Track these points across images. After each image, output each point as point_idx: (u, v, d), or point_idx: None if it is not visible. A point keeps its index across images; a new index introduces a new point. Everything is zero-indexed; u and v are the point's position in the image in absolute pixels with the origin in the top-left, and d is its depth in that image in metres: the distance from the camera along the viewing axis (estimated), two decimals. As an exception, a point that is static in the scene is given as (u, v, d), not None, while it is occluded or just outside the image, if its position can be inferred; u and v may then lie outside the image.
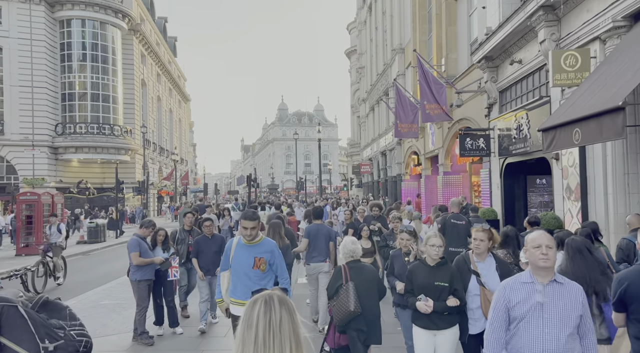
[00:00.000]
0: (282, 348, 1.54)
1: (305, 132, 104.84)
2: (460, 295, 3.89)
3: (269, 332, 1.55)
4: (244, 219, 4.38)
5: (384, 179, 28.56)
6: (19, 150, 33.33)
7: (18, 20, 33.16)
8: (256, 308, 1.59)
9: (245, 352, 1.54)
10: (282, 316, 1.58)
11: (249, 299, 1.65)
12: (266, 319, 1.56)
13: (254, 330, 1.55)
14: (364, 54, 35.32)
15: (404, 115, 17.62)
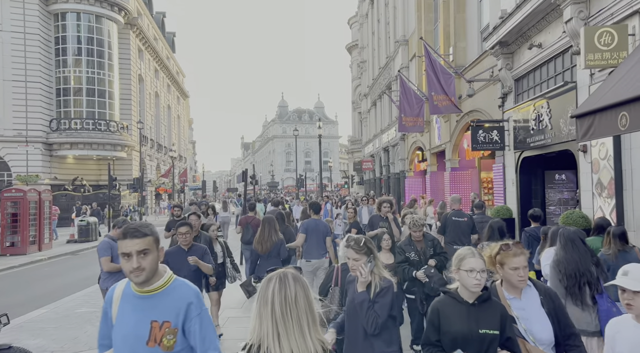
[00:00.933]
0: (300, 322, 1.61)
1: (306, 129, 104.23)
2: (516, 349, 2.56)
3: (285, 307, 1.61)
4: (121, 239, 2.20)
5: (386, 176, 27.77)
6: (12, 147, 32.55)
7: (11, 14, 32.31)
8: (271, 285, 1.66)
9: (263, 327, 1.61)
10: (297, 292, 1.65)
11: (260, 282, 1.67)
12: (282, 295, 1.63)
13: (269, 306, 1.61)
14: (366, 48, 34.49)
15: (408, 108, 16.82)
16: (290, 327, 1.61)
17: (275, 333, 1.61)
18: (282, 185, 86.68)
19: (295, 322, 1.62)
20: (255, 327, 1.64)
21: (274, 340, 1.60)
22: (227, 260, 6.71)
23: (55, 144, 34.15)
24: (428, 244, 5.49)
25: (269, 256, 6.50)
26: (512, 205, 10.25)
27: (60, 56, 35.01)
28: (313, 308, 1.68)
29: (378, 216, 7.66)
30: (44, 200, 15.63)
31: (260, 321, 1.63)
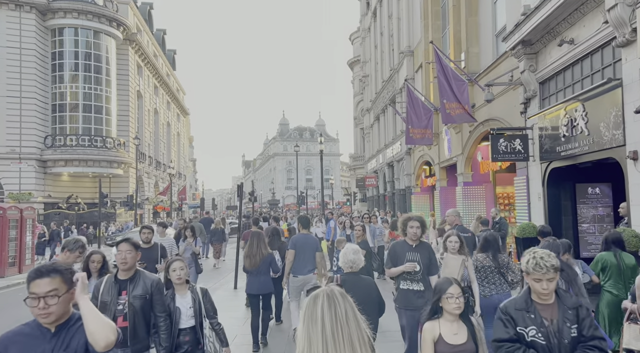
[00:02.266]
0: (352, 341, 1.54)
1: (307, 146, 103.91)
2: None
3: (336, 325, 1.55)
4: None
5: (391, 193, 26.68)
6: (5, 164, 31.60)
7: (7, 28, 31.77)
8: (319, 302, 1.61)
9: (313, 348, 1.53)
10: (346, 309, 1.60)
11: (309, 296, 1.65)
12: (332, 312, 1.57)
13: (319, 325, 1.55)
14: (368, 62, 33.81)
15: (416, 119, 15.84)
16: (341, 346, 1.54)
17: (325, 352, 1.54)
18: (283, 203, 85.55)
19: (347, 341, 1.55)
20: (304, 349, 1.57)
21: None
22: (205, 322, 3.95)
23: (49, 160, 33.23)
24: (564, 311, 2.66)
25: (258, 272, 6.14)
26: (539, 222, 9.14)
27: (57, 72, 34.36)
28: (362, 327, 1.63)
29: (403, 243, 4.88)
30: (26, 218, 14.53)
31: (310, 342, 1.56)
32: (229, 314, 7.82)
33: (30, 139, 32.23)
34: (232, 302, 8.68)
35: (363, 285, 3.76)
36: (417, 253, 4.67)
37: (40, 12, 33.10)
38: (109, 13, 35.48)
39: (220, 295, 9.54)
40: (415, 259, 4.63)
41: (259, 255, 6.11)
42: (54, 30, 34.35)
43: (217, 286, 10.88)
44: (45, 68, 33.77)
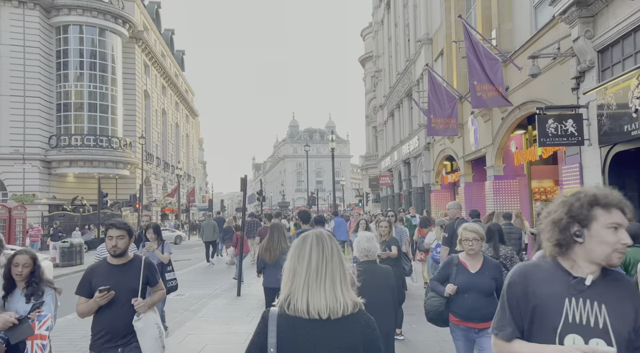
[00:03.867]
0: (333, 277, 1.66)
1: (317, 148, 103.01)
2: None
3: (322, 261, 1.68)
4: None
5: (407, 191, 25.25)
6: (9, 164, 30.77)
7: (10, 26, 31.01)
8: (308, 241, 1.74)
9: (296, 281, 1.67)
10: (332, 248, 1.73)
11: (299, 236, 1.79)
12: (319, 250, 1.71)
13: (306, 261, 1.69)
14: (381, 56, 32.46)
15: (439, 108, 14.46)
16: (322, 280, 1.64)
17: (305, 287, 1.65)
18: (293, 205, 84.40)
19: (329, 276, 1.66)
20: (287, 283, 1.69)
21: (302, 294, 1.64)
22: None
23: (54, 161, 32.37)
24: None
25: (276, 265, 5.77)
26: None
27: (61, 70, 33.55)
28: (345, 266, 1.72)
29: None
30: (15, 218, 13.41)
31: (294, 276, 1.68)
32: (227, 328, 6.53)
33: (34, 139, 31.40)
34: (233, 312, 7.40)
35: (381, 273, 3.63)
36: None
37: (44, 9, 32.32)
38: (114, 10, 34.62)
39: (221, 304, 8.24)
40: None
41: (279, 249, 5.88)
42: (58, 28, 33.57)
43: (218, 292, 9.59)
44: (49, 66, 32.97)
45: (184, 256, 19.77)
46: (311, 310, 1.62)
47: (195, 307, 8.07)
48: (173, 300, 8.81)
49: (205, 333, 6.34)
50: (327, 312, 1.62)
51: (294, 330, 1.62)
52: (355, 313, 1.67)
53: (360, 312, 1.69)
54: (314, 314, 1.62)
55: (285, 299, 1.67)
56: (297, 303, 1.63)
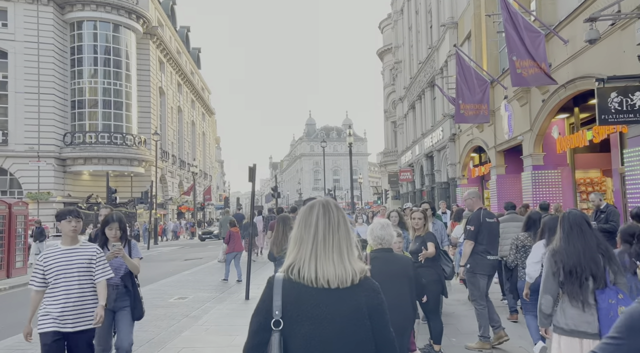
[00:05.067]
0: (340, 247, 1.66)
1: (334, 146, 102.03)
2: None
3: (328, 230, 1.67)
4: None
5: (429, 187, 23.94)
6: (24, 162, 30.51)
7: (25, 22, 30.72)
8: (315, 210, 1.72)
9: (303, 249, 1.66)
10: (339, 218, 1.71)
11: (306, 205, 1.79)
12: (325, 219, 1.69)
13: (313, 229, 1.67)
14: (401, 46, 31.17)
15: (468, 93, 13.21)
16: (330, 249, 1.65)
17: (313, 255, 1.65)
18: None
19: (336, 245, 1.65)
20: (293, 250, 1.68)
21: (310, 262, 1.64)
22: None
23: (68, 159, 32.02)
24: None
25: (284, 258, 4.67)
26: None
27: (75, 67, 33.19)
28: (351, 236, 1.72)
29: None
30: (16, 215, 12.65)
31: (300, 244, 1.67)
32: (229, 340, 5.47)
33: (49, 136, 31.07)
34: (238, 319, 6.35)
35: (397, 262, 3.38)
36: None
37: (58, 5, 31.96)
38: (127, 5, 34.10)
39: (226, 310, 7.19)
40: None
41: (285, 241, 5.61)
42: (72, 24, 33.21)
43: (225, 296, 8.56)
44: (64, 63, 32.62)
45: (195, 254, 18.89)
46: (320, 278, 1.62)
47: (197, 312, 7.06)
48: (173, 305, 7.83)
49: (202, 347, 5.31)
50: (337, 281, 1.62)
51: (299, 295, 1.63)
52: (362, 280, 1.68)
53: (366, 278, 1.70)
54: (322, 283, 1.62)
55: (290, 266, 1.67)
56: (304, 271, 1.64)
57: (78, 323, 3.39)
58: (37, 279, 3.42)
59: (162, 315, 6.96)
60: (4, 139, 30.18)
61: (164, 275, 11.92)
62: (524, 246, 5.37)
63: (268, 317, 1.61)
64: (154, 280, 10.75)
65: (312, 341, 1.57)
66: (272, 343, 1.58)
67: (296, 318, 1.59)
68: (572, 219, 3.12)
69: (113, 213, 4.32)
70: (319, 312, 1.59)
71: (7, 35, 30.44)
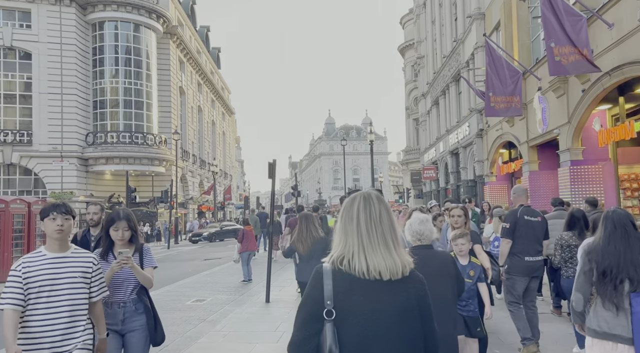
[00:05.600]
0: (385, 239, 1.65)
1: (354, 145, 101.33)
2: None
3: (370, 223, 1.66)
4: None
5: (454, 185, 23.16)
6: (47, 162, 30.84)
7: (48, 24, 31.07)
8: (356, 203, 1.72)
9: (349, 241, 1.66)
10: (380, 210, 1.69)
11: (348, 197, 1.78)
12: (367, 212, 1.68)
13: (355, 222, 1.67)
14: (424, 41, 30.39)
15: (499, 84, 12.51)
16: (375, 242, 1.64)
17: (361, 247, 1.64)
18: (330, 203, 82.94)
19: (381, 238, 1.65)
20: (340, 242, 1.68)
21: (359, 254, 1.63)
22: None
23: (90, 158, 32.27)
24: None
25: (310, 257, 5.45)
26: None
27: (97, 67, 33.45)
28: (396, 228, 1.71)
29: None
30: (35, 214, 12.48)
31: (346, 236, 1.67)
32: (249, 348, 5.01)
33: (72, 136, 31.35)
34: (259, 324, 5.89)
35: (437, 259, 3.10)
36: None
37: (80, 5, 32.24)
38: (148, 4, 34.19)
39: (245, 314, 6.74)
40: None
41: (310, 238, 5.54)
42: (94, 25, 33.47)
43: (245, 298, 8.11)
44: (86, 64, 32.90)
45: (215, 254, 18.59)
46: (371, 270, 1.61)
47: (215, 316, 6.63)
48: (190, 308, 7.43)
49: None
50: (389, 274, 1.62)
51: (351, 286, 1.61)
52: (411, 272, 1.68)
53: (413, 271, 1.69)
54: (374, 274, 1.61)
55: (339, 257, 1.66)
56: (355, 262, 1.62)
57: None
58: (14, 294, 2.52)
59: (178, 319, 6.56)
60: (29, 139, 30.57)
61: (183, 275, 11.58)
62: (569, 245, 5.21)
63: (319, 307, 1.59)
64: (172, 281, 10.41)
65: (364, 332, 1.57)
66: (325, 334, 1.57)
67: (348, 308, 1.58)
68: (617, 219, 3.01)
69: (120, 210, 3.26)
70: (371, 303, 1.59)
71: (31, 37, 30.84)
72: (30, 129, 30.79)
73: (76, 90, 31.61)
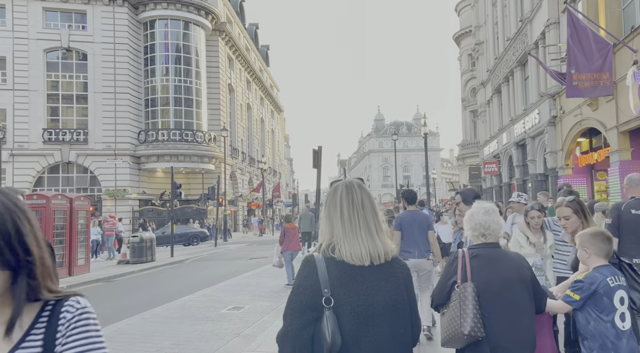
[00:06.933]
0: (368, 224, 1.69)
1: (404, 142, 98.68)
2: None
3: (352, 210, 1.70)
4: None
5: (521, 180, 21.06)
6: (102, 160, 31.52)
7: (102, 24, 31.74)
8: (338, 191, 1.76)
9: (335, 229, 1.70)
10: (362, 197, 1.74)
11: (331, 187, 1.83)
12: (349, 199, 1.72)
13: (339, 210, 1.71)
14: (483, 26, 28.22)
15: (584, 59, 10.68)
16: (358, 228, 1.68)
17: (344, 235, 1.67)
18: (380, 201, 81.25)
19: (363, 224, 1.69)
20: (327, 230, 1.71)
21: (344, 240, 1.67)
22: None
23: (142, 156, 32.70)
24: None
25: None
26: None
27: (149, 65, 33.87)
28: (378, 214, 1.74)
29: None
30: (77, 210, 12.10)
31: (332, 225, 1.71)
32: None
33: (125, 134, 31.88)
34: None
35: (507, 262, 2.44)
36: None
37: (132, 5, 32.72)
38: (196, 1, 34.19)
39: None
40: None
41: None
42: (145, 24, 33.89)
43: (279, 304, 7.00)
44: (138, 63, 33.37)
45: (261, 252, 17.76)
46: (354, 258, 1.64)
47: (251, 330, 5.59)
48: (224, 317, 6.43)
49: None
50: (369, 258, 1.65)
51: (343, 273, 1.64)
52: (395, 257, 1.73)
53: (396, 257, 1.74)
54: (359, 260, 1.65)
55: (329, 246, 1.69)
56: (342, 249, 1.66)
57: None
58: None
59: (209, 333, 5.57)
60: (85, 137, 31.35)
61: (224, 276, 10.75)
62: None
63: (314, 295, 1.61)
64: (211, 283, 9.56)
65: (360, 316, 1.60)
66: (325, 321, 1.58)
67: (343, 294, 1.61)
68: None
69: None
70: (364, 289, 1.62)
71: (86, 38, 31.61)
72: (86, 128, 31.59)
73: (129, 88, 32.10)
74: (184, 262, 16.35)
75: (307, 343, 1.57)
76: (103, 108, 31.52)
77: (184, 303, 7.52)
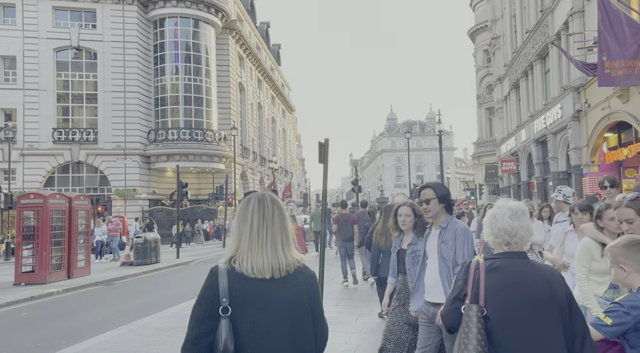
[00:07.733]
0: (274, 239, 1.71)
1: (417, 141, 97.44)
2: None
3: (262, 223, 1.71)
4: None
5: (540, 178, 20.12)
6: (112, 160, 31.28)
7: (112, 23, 31.51)
8: (251, 204, 1.76)
9: (242, 244, 1.71)
10: (274, 211, 1.75)
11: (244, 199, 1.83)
12: (260, 213, 1.73)
13: (249, 223, 1.72)
14: (499, 19, 27.26)
15: (616, 46, 9.82)
16: (264, 242, 1.69)
17: (249, 248, 1.69)
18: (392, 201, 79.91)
19: (270, 237, 1.70)
20: (233, 244, 1.74)
21: (248, 254, 1.69)
22: None
23: (152, 156, 32.40)
24: None
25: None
26: None
27: (158, 64, 33.55)
28: (287, 227, 1.76)
29: None
30: (77, 210, 11.61)
31: (240, 238, 1.72)
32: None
33: (134, 134, 31.60)
34: None
35: (537, 275, 1.92)
36: None
37: (141, 3, 32.43)
38: (206, -1, 33.79)
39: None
40: None
41: (389, 231, 5.04)
42: (155, 22, 33.59)
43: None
44: (147, 61, 33.08)
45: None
46: (255, 271, 1.67)
47: None
48: None
49: None
50: (270, 272, 1.67)
51: (244, 284, 1.66)
52: (300, 268, 1.74)
53: (303, 266, 1.76)
54: (257, 274, 1.67)
55: (231, 258, 1.71)
56: (242, 263, 1.68)
57: None
58: None
59: None
60: (94, 137, 31.14)
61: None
62: None
63: (214, 304, 1.64)
64: (186, 297, 8.56)
65: (258, 327, 1.63)
66: (221, 329, 1.61)
67: (242, 305, 1.63)
68: None
69: None
70: (263, 300, 1.64)
71: (96, 36, 31.41)
72: (95, 127, 31.38)
73: (138, 87, 31.82)
74: (189, 264, 15.81)
75: (204, 351, 1.60)
76: (113, 107, 31.27)
77: (180, 311, 6.90)
